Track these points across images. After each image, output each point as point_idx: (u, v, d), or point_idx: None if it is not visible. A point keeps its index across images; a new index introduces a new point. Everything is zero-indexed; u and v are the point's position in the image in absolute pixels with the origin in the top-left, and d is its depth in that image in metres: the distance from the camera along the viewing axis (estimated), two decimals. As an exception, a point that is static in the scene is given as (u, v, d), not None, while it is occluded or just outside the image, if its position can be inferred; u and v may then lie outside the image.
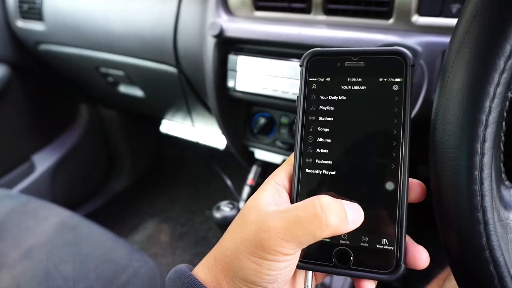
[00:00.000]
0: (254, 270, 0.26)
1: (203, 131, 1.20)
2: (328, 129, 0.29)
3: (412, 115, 0.52)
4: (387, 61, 0.28)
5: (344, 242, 0.28)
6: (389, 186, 0.28)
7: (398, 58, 0.28)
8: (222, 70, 0.72)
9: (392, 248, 0.27)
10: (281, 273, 0.26)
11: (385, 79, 0.28)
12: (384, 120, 0.28)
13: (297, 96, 0.30)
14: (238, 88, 0.70)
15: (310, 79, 0.30)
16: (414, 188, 0.29)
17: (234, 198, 0.89)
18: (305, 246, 0.26)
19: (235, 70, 0.70)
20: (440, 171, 0.27)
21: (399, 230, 0.27)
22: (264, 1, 0.68)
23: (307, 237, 0.25)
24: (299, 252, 0.27)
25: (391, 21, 0.58)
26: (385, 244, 0.27)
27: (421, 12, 0.55)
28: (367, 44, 0.57)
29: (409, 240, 0.28)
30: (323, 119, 0.29)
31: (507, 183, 0.28)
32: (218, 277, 0.28)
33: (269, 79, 0.66)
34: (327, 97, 0.29)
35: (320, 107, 0.30)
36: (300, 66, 0.30)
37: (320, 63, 0.30)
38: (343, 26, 0.61)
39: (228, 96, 0.73)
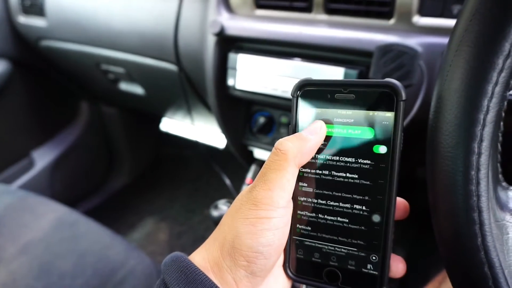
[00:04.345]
0: (249, 232, 0.27)
1: (203, 129, 1.20)
2: (317, 160, 0.30)
3: (411, 116, 0.52)
4: (378, 94, 0.28)
5: (333, 263, 0.30)
6: (376, 218, 0.29)
7: (389, 92, 0.27)
8: (222, 68, 0.72)
9: (377, 273, 0.29)
10: (274, 234, 0.27)
11: (375, 113, 0.28)
12: (373, 154, 0.28)
13: (289, 126, 0.31)
14: (237, 86, 0.70)
15: (301, 109, 0.30)
16: (398, 206, 0.30)
17: (232, 197, 0.89)
18: (288, 189, 0.28)
19: (235, 69, 0.70)
20: (436, 170, 0.27)
21: (383, 257, 0.28)
22: (265, -1, 0.68)
23: (280, 175, 0.28)
24: (288, 211, 0.29)
25: (392, 21, 0.58)
26: (370, 269, 0.29)
27: (422, 13, 0.55)
28: (367, 44, 0.57)
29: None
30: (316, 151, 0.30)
31: (504, 184, 0.28)
32: (215, 255, 0.28)
33: (269, 78, 0.66)
34: None
35: None
36: (292, 96, 0.30)
37: (311, 94, 0.30)
38: (344, 26, 0.61)
39: (228, 94, 0.73)
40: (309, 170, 0.30)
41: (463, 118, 0.25)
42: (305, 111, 0.30)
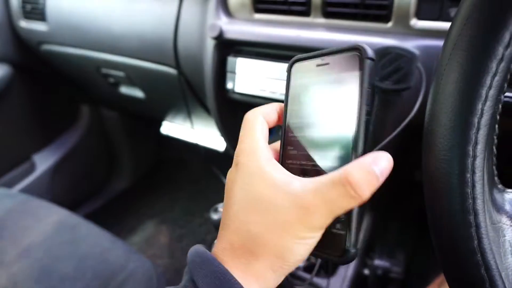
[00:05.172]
0: (299, 253, 0.27)
1: (203, 133, 1.20)
2: (299, 124, 0.32)
3: (409, 119, 0.52)
4: (348, 57, 0.30)
5: None
6: None
7: (357, 53, 0.29)
8: (221, 71, 0.72)
9: (344, 232, 0.28)
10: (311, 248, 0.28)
11: (346, 74, 0.30)
12: (346, 112, 0.29)
13: (284, 99, 0.34)
14: (237, 90, 0.70)
15: (292, 82, 0.34)
16: None
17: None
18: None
19: (234, 72, 0.70)
20: (432, 173, 0.27)
21: (350, 215, 0.28)
22: (264, 3, 0.68)
23: (342, 211, 0.26)
24: None
25: (389, 24, 0.58)
26: (339, 229, 0.28)
27: (419, 16, 0.55)
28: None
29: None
30: (299, 115, 0.32)
31: (499, 186, 0.28)
32: (257, 267, 0.27)
33: (268, 81, 0.67)
34: (303, 97, 0.32)
35: (297, 106, 0.33)
36: (286, 72, 0.34)
37: (300, 68, 0.33)
38: (342, 29, 0.61)
39: (227, 98, 0.74)
40: (295, 134, 0.32)
41: (457, 121, 0.25)
42: (295, 83, 0.33)
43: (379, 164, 0.26)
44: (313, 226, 0.26)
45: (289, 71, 0.34)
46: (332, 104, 0.30)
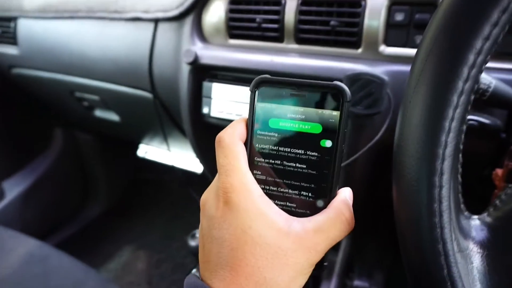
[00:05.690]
0: (301, 284, 0.29)
1: (180, 155, 1.19)
2: (271, 151, 0.32)
3: (373, 142, 0.54)
4: (327, 94, 0.30)
5: None
6: (319, 203, 0.31)
7: (336, 94, 0.30)
8: (197, 96, 0.72)
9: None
10: None
11: (324, 111, 0.30)
12: (320, 147, 0.30)
13: (247, 120, 0.32)
14: (212, 114, 0.70)
15: (258, 104, 0.32)
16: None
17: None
18: None
19: (210, 97, 0.70)
20: (401, 203, 0.27)
21: None
22: (238, 29, 0.69)
23: (337, 242, 0.30)
24: None
25: (359, 50, 0.60)
26: None
27: (387, 43, 0.57)
28: (336, 72, 0.59)
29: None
30: (268, 141, 0.32)
31: (466, 213, 0.29)
32: None
33: (244, 106, 0.67)
34: (272, 122, 0.32)
35: (265, 132, 0.32)
36: (250, 91, 0.32)
37: (268, 90, 0.32)
38: (314, 55, 0.63)
39: (203, 122, 0.74)
40: (263, 160, 0.32)
41: (423, 153, 0.26)
42: (262, 106, 0.32)
43: (351, 198, 0.31)
44: (316, 261, 0.29)
45: (254, 91, 0.32)
46: (305, 138, 0.31)
